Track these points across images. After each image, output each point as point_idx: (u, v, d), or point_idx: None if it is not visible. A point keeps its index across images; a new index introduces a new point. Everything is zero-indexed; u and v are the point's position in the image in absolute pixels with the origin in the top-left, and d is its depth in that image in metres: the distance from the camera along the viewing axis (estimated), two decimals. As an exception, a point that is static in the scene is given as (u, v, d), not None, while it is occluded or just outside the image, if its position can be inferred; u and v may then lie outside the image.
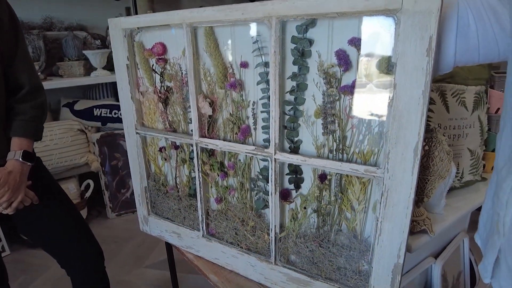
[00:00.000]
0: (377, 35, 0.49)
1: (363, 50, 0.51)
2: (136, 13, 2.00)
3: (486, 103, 0.86)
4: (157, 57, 0.75)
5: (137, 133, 0.84)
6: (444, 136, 0.75)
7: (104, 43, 2.02)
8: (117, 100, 2.22)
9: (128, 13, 2.35)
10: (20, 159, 0.80)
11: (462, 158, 0.84)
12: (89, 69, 2.06)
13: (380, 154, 0.54)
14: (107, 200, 2.14)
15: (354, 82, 0.53)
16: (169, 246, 1.06)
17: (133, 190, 2.11)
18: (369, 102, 0.53)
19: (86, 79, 1.98)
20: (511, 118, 0.39)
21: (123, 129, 2.17)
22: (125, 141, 2.18)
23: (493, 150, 1.02)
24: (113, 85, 2.24)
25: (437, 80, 0.79)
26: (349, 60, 0.52)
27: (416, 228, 0.72)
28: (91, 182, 2.06)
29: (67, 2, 2.19)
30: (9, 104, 0.84)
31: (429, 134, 0.66)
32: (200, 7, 2.18)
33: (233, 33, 0.63)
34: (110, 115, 2.06)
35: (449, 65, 0.51)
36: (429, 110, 0.80)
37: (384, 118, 0.51)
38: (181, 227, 0.85)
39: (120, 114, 2.04)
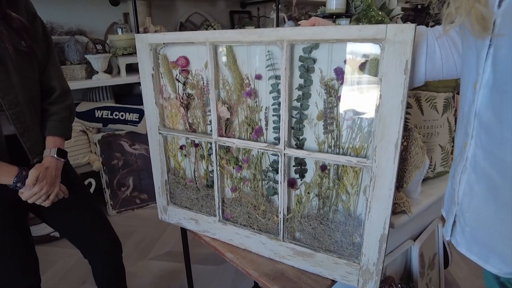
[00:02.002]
0: (367, 57, 0.64)
1: (356, 68, 0.66)
2: (136, 19, 2.09)
3: (454, 107, 1.03)
4: (180, 68, 0.88)
5: (160, 133, 0.96)
6: (419, 134, 0.91)
7: (104, 48, 2.12)
8: (117, 102, 2.32)
9: (126, 19, 2.45)
10: (55, 156, 0.92)
11: (435, 153, 1.01)
12: (90, 72, 2.16)
13: (369, 148, 0.69)
14: (108, 198, 2.24)
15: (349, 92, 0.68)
16: (184, 238, 1.17)
17: (132, 188, 2.24)
18: (360, 108, 0.68)
19: (88, 82, 2.08)
20: (462, 121, 0.54)
21: (123, 130, 2.27)
22: (125, 141, 2.27)
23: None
24: (112, 87, 2.33)
25: (413, 88, 0.95)
26: (345, 76, 0.67)
27: (397, 209, 0.88)
28: (92, 180, 2.15)
29: (66, 7, 2.27)
30: (42, 106, 0.95)
31: (407, 132, 0.82)
32: (194, 13, 2.32)
33: (249, 51, 0.77)
34: (111, 117, 2.16)
35: (420, 81, 0.67)
36: (407, 113, 0.96)
37: (372, 121, 0.66)
38: (199, 214, 0.98)
39: (121, 115, 2.15)
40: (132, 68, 2.33)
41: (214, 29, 2.56)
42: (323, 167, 0.76)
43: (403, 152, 0.82)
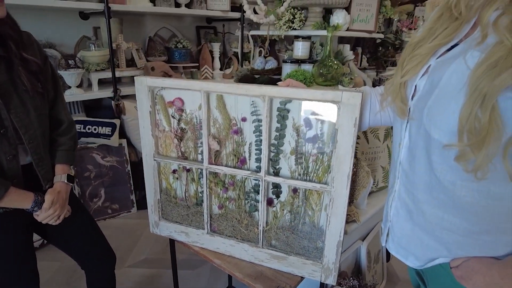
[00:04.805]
0: (327, 112, 0.87)
1: (319, 119, 0.88)
2: (110, 34, 2.17)
3: (391, 136, 1.31)
4: (176, 107, 1.05)
5: (155, 160, 1.13)
6: (365, 159, 1.17)
7: (76, 63, 2.18)
8: (88, 116, 2.39)
9: (96, 33, 2.51)
10: (65, 181, 1.05)
11: (377, 172, 1.28)
12: (62, 87, 2.20)
13: (328, 177, 0.92)
14: (80, 209, 2.29)
15: (314, 136, 0.90)
16: (172, 247, 1.33)
17: (104, 198, 2.36)
18: (322, 148, 0.91)
19: (61, 97, 2.13)
20: (392, 166, 0.79)
21: (95, 143, 2.35)
22: (97, 154, 2.36)
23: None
24: (84, 102, 2.39)
25: (361, 122, 1.21)
26: (311, 123, 0.90)
27: (349, 219, 1.13)
28: (65, 193, 2.20)
29: (36, 20, 2.29)
30: (52, 137, 1.07)
31: (356, 160, 1.07)
32: (162, 27, 2.48)
33: (237, 98, 0.97)
34: (84, 130, 2.23)
35: (365, 127, 0.91)
36: (356, 142, 1.22)
37: (331, 157, 0.90)
38: (189, 228, 1.16)
39: (94, 129, 2.23)
40: (103, 82, 2.40)
41: (183, 45, 2.71)
42: (295, 190, 0.98)
43: (353, 175, 1.07)
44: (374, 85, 1.42)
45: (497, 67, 0.48)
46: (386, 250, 1.83)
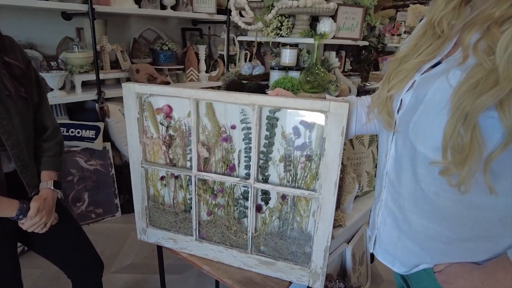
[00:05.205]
0: (315, 121, 0.89)
1: (307, 128, 0.90)
2: (94, 35, 2.14)
3: (376, 141, 1.35)
4: (165, 114, 1.05)
5: (142, 167, 1.12)
6: (351, 166, 1.20)
7: (58, 64, 2.13)
8: (71, 118, 2.34)
9: (79, 34, 2.46)
10: (52, 187, 1.03)
11: (362, 177, 1.31)
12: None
13: (316, 184, 0.94)
14: (63, 214, 2.24)
15: (302, 144, 0.92)
16: (160, 253, 1.32)
17: (88, 203, 2.33)
18: (310, 156, 0.92)
19: (43, 100, 2.08)
20: (379, 176, 0.81)
21: (79, 147, 2.31)
22: (80, 157, 2.32)
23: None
24: (66, 105, 2.34)
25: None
26: (299, 132, 0.91)
27: (335, 224, 1.15)
28: (47, 197, 2.15)
29: (16, 20, 2.23)
30: (36, 143, 1.05)
31: (342, 167, 1.10)
32: (147, 29, 2.46)
33: (226, 106, 0.97)
34: (67, 134, 2.18)
35: (351, 135, 0.94)
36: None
37: (319, 165, 0.91)
38: (177, 234, 1.15)
39: (77, 132, 2.19)
40: (87, 84, 2.36)
41: (169, 47, 2.69)
42: (283, 197, 1.00)
43: (340, 181, 1.09)
44: (359, 92, 1.46)
45: (477, 88, 0.51)
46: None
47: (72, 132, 2.20)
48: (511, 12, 0.51)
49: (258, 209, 1.03)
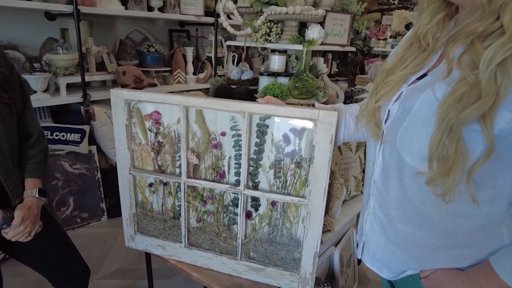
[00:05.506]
0: (305, 129, 0.90)
1: (297, 135, 0.91)
2: (79, 37, 2.10)
3: (363, 146, 1.37)
4: (153, 121, 1.04)
5: (130, 173, 1.11)
6: (339, 171, 1.21)
7: (42, 66, 2.08)
8: (55, 121, 2.29)
9: (63, 35, 2.41)
10: (37, 195, 1.00)
11: (350, 182, 1.33)
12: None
13: (306, 191, 0.95)
14: (47, 219, 2.19)
15: (292, 151, 0.93)
16: (148, 260, 1.31)
17: (73, 207, 2.30)
18: (300, 163, 0.93)
19: (26, 102, 2.03)
20: (367, 183, 0.83)
21: (63, 150, 2.26)
22: (65, 161, 2.28)
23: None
24: (50, 107, 2.29)
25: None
26: (289, 139, 0.92)
27: (324, 229, 1.16)
28: (30, 202, 2.10)
29: (-3, 20, 2.17)
30: (21, 150, 1.02)
31: (331, 173, 1.11)
32: (134, 30, 2.43)
33: (216, 113, 0.97)
34: (51, 137, 2.13)
35: (339, 142, 0.95)
36: (331, 153, 1.26)
37: (308, 172, 0.92)
38: (166, 241, 1.15)
39: (62, 136, 2.15)
40: (72, 86, 2.31)
41: (156, 49, 2.66)
42: (273, 203, 1.00)
43: (328, 187, 1.11)
44: (346, 97, 1.48)
45: (461, 101, 0.52)
46: (357, 254, 1.91)
47: (56, 135, 2.15)
48: (494, 28, 0.53)
49: (248, 215, 1.03)
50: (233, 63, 3.27)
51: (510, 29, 0.50)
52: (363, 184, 1.47)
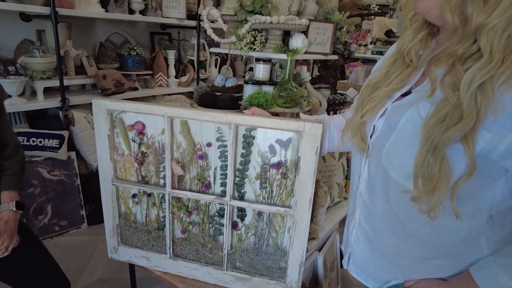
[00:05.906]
0: (290, 141, 0.91)
1: (283, 147, 0.92)
2: (57, 40, 2.03)
3: (346, 153, 1.39)
4: (137, 131, 1.02)
5: (113, 184, 1.08)
6: (322, 178, 1.23)
7: (17, 69, 2.01)
8: (31, 127, 2.21)
9: (40, 37, 2.34)
10: (14, 209, 0.97)
11: (333, 188, 1.35)
12: (0, 95, 2.02)
13: (292, 201, 0.96)
14: (23, 228, 2.12)
15: (278, 162, 0.94)
16: (132, 271, 1.29)
17: (51, 215, 2.24)
18: (286, 174, 0.94)
19: (0, 107, 1.95)
20: (352, 195, 0.84)
21: (41, 157, 2.19)
22: (43, 168, 2.21)
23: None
24: (27, 112, 2.21)
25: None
26: (275, 150, 0.93)
27: (309, 237, 1.17)
28: (5, 211, 2.02)
29: (-32, 22, 2.07)
30: None
31: (316, 182, 1.12)
32: (114, 33, 2.38)
33: (201, 124, 0.97)
34: (28, 143, 2.06)
35: (324, 152, 0.96)
36: (315, 161, 1.27)
37: (294, 182, 0.93)
38: (150, 252, 1.13)
39: (39, 142, 2.08)
40: (50, 90, 2.24)
41: (137, 52, 2.62)
42: (259, 213, 1.00)
43: (313, 196, 1.12)
44: (329, 104, 1.50)
45: (445, 121, 0.54)
46: (341, 256, 1.93)
47: (33, 141, 2.08)
48: (472, 51, 0.56)
49: (234, 226, 1.03)
50: (215, 67, 3.26)
51: (487, 52, 0.53)
52: (346, 190, 1.49)
